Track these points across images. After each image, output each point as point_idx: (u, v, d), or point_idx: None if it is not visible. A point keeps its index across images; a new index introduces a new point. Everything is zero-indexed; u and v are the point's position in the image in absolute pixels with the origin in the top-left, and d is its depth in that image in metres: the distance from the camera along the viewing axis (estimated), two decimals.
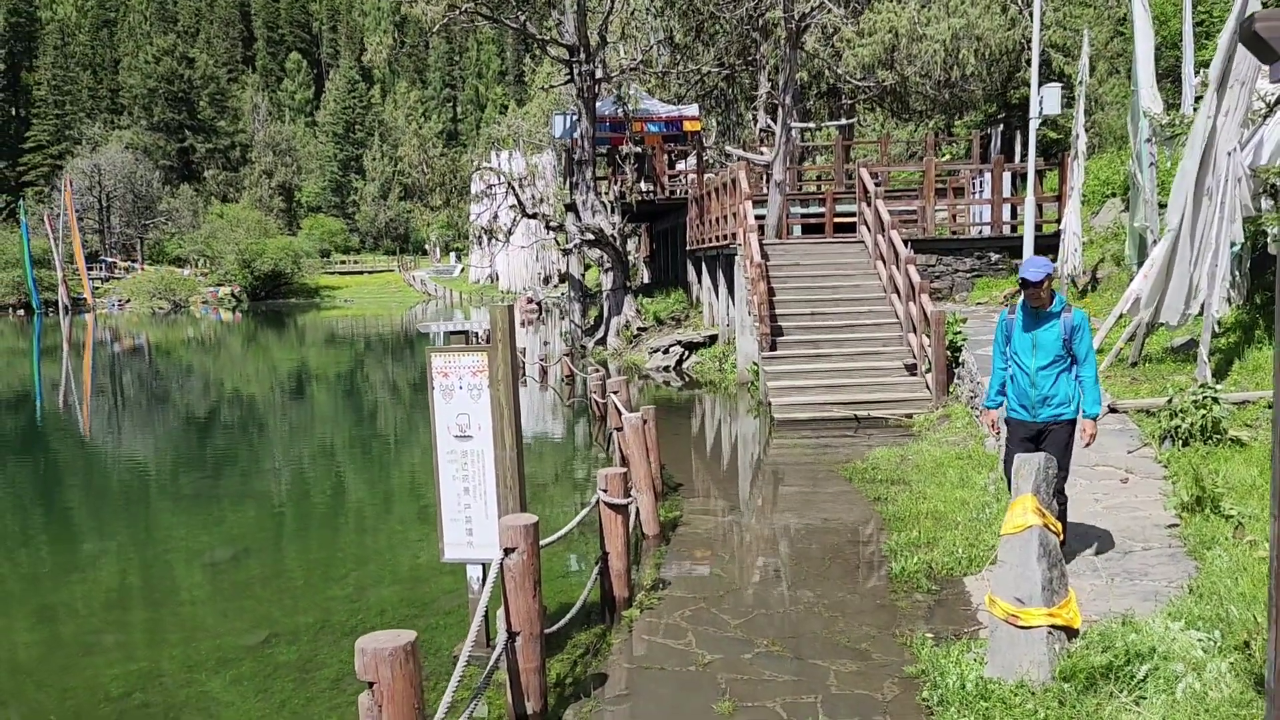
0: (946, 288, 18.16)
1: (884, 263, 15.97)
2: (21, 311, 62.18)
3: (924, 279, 17.13)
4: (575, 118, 24.58)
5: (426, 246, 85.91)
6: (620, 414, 10.24)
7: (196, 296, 65.52)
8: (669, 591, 6.84)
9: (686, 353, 20.76)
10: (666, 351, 20.83)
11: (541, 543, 5.80)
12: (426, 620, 6.76)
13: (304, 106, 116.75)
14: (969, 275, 18.17)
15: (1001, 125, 29.79)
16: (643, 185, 25.16)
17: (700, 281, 22.82)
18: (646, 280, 33.48)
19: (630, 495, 6.54)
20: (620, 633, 6.13)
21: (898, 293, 15.04)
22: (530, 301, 45.78)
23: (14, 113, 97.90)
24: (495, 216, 26.48)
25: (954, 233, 19.90)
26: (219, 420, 19.06)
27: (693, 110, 26.79)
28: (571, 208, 24.87)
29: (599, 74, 24.16)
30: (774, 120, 24.84)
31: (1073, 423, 6.09)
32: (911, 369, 14.10)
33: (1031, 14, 17.66)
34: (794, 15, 19.48)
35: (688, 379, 19.89)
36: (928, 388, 13.56)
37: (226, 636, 6.79)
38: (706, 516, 8.99)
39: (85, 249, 68.96)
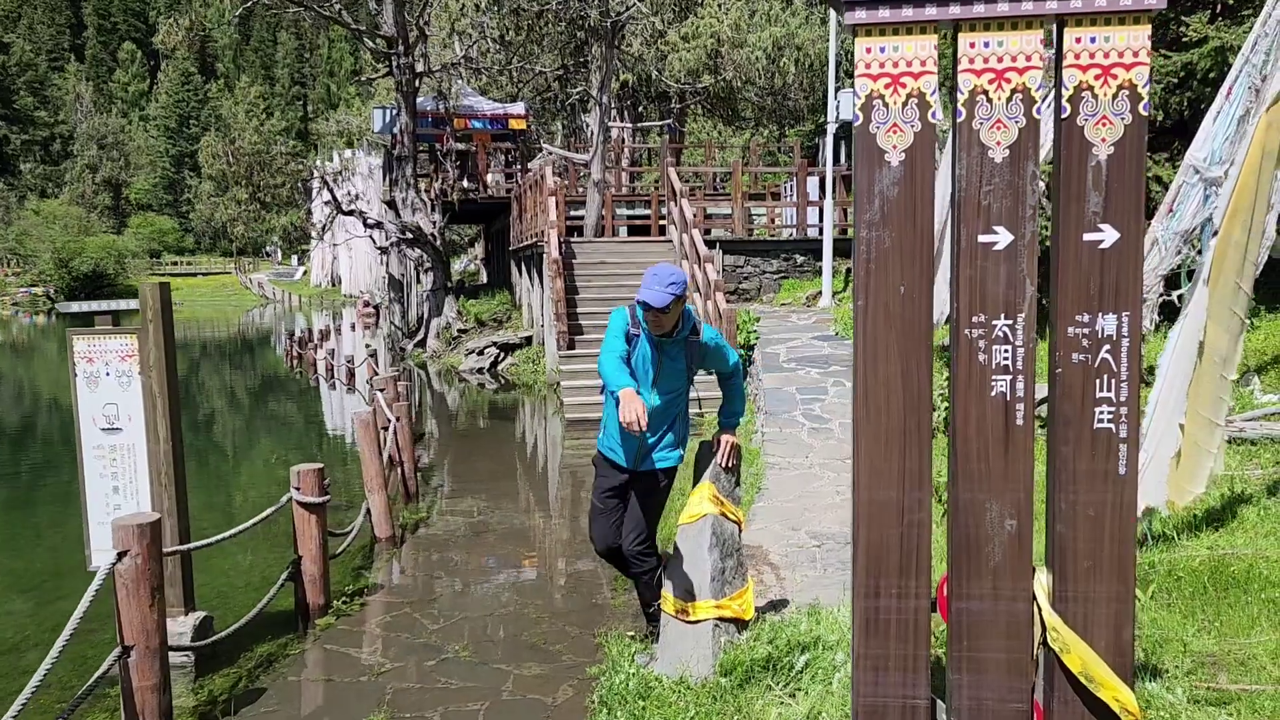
0: (755, 288, 18.29)
1: (689, 262, 15.92)
2: None
3: (732, 279, 17.24)
4: (395, 112, 23.80)
5: (267, 248, 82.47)
6: (387, 412, 9.76)
7: (6, 298, 61.00)
8: (376, 597, 6.39)
9: (502, 354, 20.29)
10: (482, 353, 20.31)
11: (196, 544, 5.28)
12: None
13: (137, 99, 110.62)
14: (776, 276, 18.34)
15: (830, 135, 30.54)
16: (465, 184, 24.55)
17: (521, 282, 22.41)
18: (485, 281, 32.89)
19: (327, 494, 6.05)
20: (305, 642, 5.64)
21: (699, 291, 15.00)
22: (367, 305, 44.33)
23: None
24: (309, 214, 25.40)
25: (771, 235, 20.14)
26: None
27: (518, 108, 26.36)
28: (391, 205, 24.07)
29: (419, 67, 23.46)
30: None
31: (672, 471, 4.79)
32: None
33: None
34: (610, 15, 19.33)
35: (503, 381, 19.44)
36: None
37: None
38: (454, 518, 8.57)
39: None
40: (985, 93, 2.89)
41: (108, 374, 5.13)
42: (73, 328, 5.22)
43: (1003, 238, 2.92)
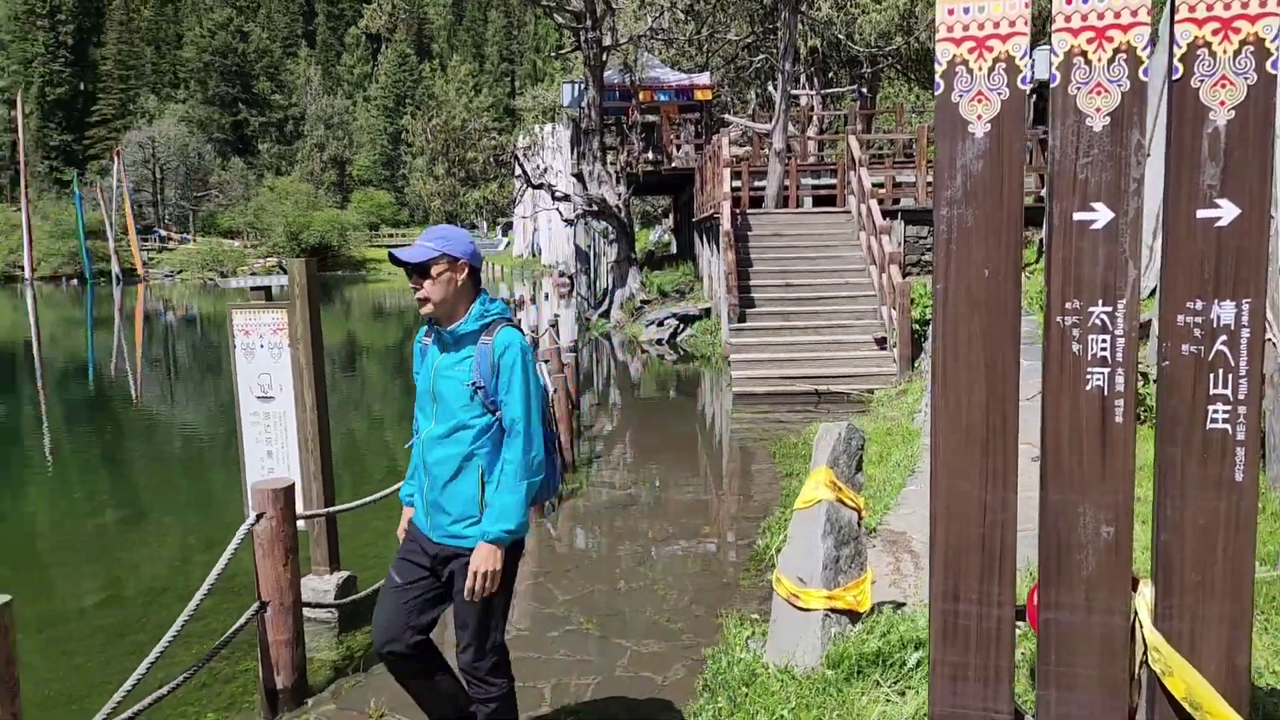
0: None
1: (865, 233, 15.42)
2: (75, 281, 63.90)
3: (914, 250, 16.58)
4: (583, 86, 24.22)
5: (473, 220, 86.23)
6: (546, 382, 10.01)
7: (245, 268, 66.64)
8: (519, 565, 6.57)
9: (682, 325, 20.38)
10: (662, 324, 20.48)
11: (337, 508, 5.59)
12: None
13: (361, 81, 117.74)
14: None
15: (1034, 95, 28.75)
16: (650, 155, 24.73)
17: (702, 253, 22.41)
18: (674, 252, 33.15)
19: None
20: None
21: (874, 263, 14.51)
22: (561, 275, 45.61)
23: (81, 87, 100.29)
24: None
25: None
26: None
27: (704, 79, 26.22)
28: (579, 178, 24.56)
29: (607, 41, 23.74)
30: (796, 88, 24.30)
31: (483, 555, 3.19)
32: (881, 343, 13.60)
33: None
34: None
35: (681, 352, 19.55)
36: (895, 362, 13.06)
37: (72, 597, 6.72)
38: (606, 490, 8.71)
39: (141, 221, 70.52)
40: (1083, 54, 2.61)
41: (261, 346, 5.49)
42: (232, 303, 5.62)
43: (1102, 215, 2.63)
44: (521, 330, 3.36)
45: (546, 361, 10.61)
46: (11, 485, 10.89)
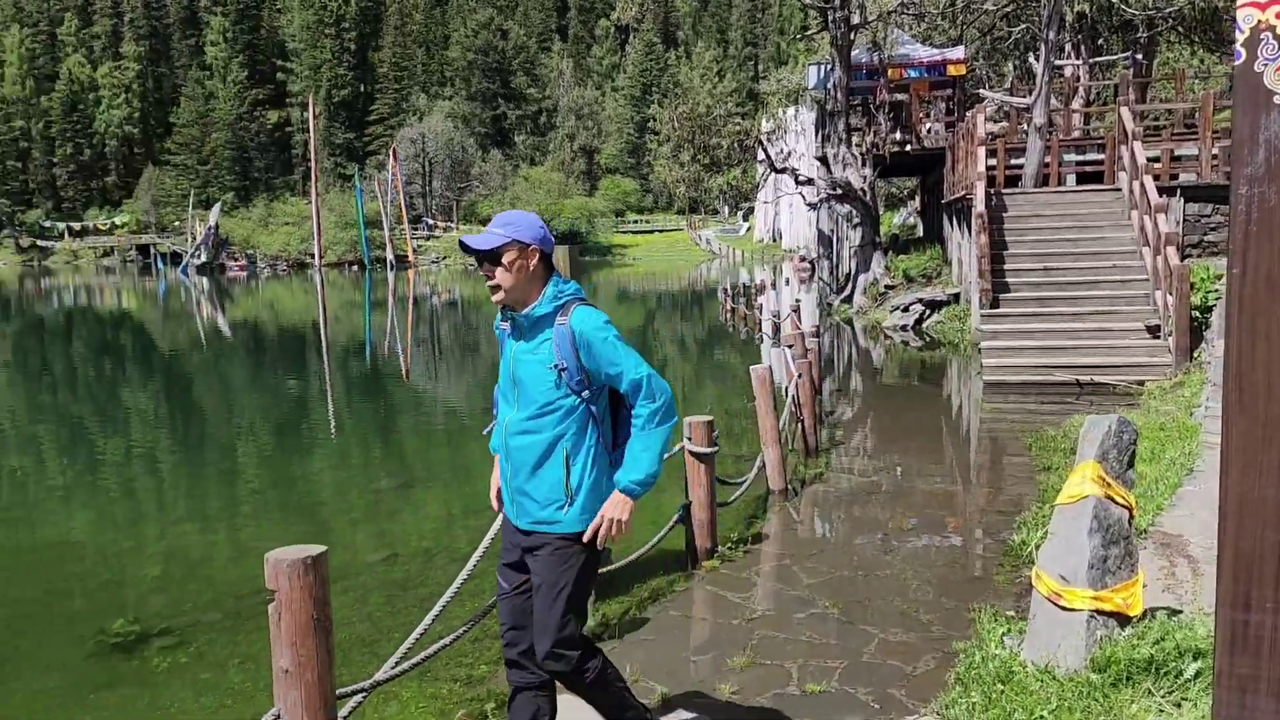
0: (1224, 241, 15.89)
1: (1138, 212, 14.29)
2: (355, 267, 70.03)
3: (1195, 231, 15.22)
4: (829, 67, 23.83)
5: (715, 205, 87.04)
6: (790, 368, 10.05)
7: None
8: (761, 546, 6.66)
9: (928, 311, 19.72)
10: (907, 310, 19.91)
11: None
12: None
13: (610, 72, 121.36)
14: None
15: None
16: (898, 135, 23.97)
17: (952, 236, 21.54)
18: (920, 235, 32.09)
19: (715, 445, 6.41)
20: (689, 582, 6.07)
21: (1148, 245, 13.44)
22: (802, 260, 45.21)
23: (361, 89, 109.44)
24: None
25: None
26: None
27: (958, 53, 25.06)
28: (822, 161, 24.22)
29: (855, 19, 23.23)
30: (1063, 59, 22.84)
31: (565, 540, 3.23)
32: (1154, 331, 12.60)
33: None
34: None
35: (927, 339, 18.95)
36: (1170, 352, 12.06)
37: (360, 552, 7.45)
38: (850, 476, 8.63)
39: (411, 211, 76.29)
40: (1272, 29, 2.37)
41: None
42: None
43: None
44: (594, 308, 3.34)
45: (790, 346, 10.62)
46: (301, 452, 12.17)
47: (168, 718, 4.88)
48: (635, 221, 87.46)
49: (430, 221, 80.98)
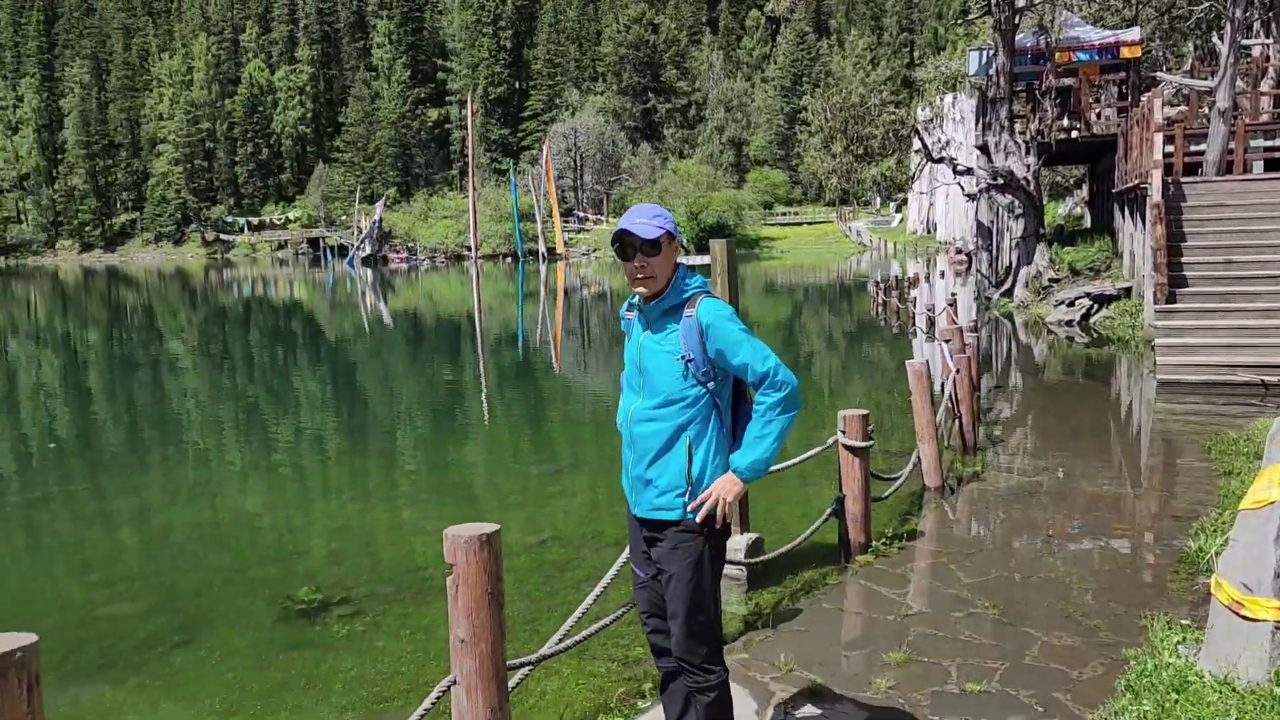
0: None
1: None
2: (509, 259, 72.02)
3: None
4: (991, 52, 23.02)
5: (867, 197, 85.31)
6: (948, 363, 9.83)
7: None
8: (916, 543, 6.57)
9: (1095, 306, 18.83)
10: (1072, 304, 19.06)
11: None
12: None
13: (760, 63, 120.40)
14: None
15: None
16: (1065, 122, 22.94)
17: (1123, 227, 20.49)
18: (1087, 226, 30.65)
19: (870, 439, 6.34)
20: (843, 575, 6.05)
21: None
22: (958, 252, 43.81)
23: (516, 86, 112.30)
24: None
25: None
26: None
27: (1133, 34, 23.74)
28: (983, 149, 23.43)
29: (1020, 2, 22.36)
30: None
31: (686, 532, 3.26)
32: None
33: None
34: None
35: (1094, 335, 18.11)
36: None
37: (516, 535, 7.74)
38: (1009, 475, 8.38)
39: (563, 204, 77.91)
40: None
41: None
42: None
43: None
44: (715, 296, 3.35)
45: (947, 341, 10.37)
46: (457, 437, 12.68)
47: (347, 681, 5.22)
48: (783, 214, 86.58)
49: (581, 214, 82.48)
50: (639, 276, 3.23)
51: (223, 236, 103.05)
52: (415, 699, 4.60)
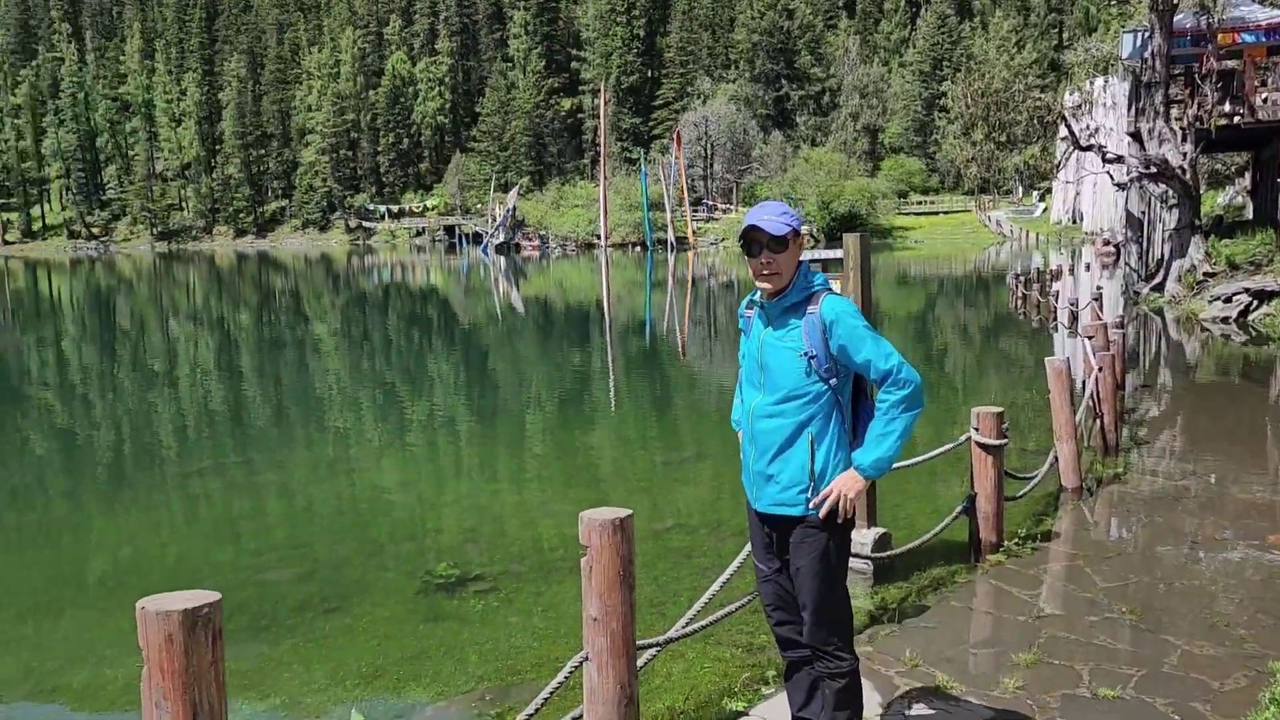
0: None
1: None
2: (638, 248, 72.55)
3: None
4: (1146, 34, 21.92)
5: (1008, 185, 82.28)
6: (1090, 360, 9.52)
7: None
8: (1050, 544, 6.41)
9: (1255, 302, 17.79)
10: (1229, 300, 18.06)
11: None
12: None
13: (898, 47, 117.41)
14: None
15: None
16: (1227, 107, 21.64)
17: None
18: (1249, 218, 28.87)
19: (1005, 438, 6.21)
20: (972, 574, 5.97)
21: None
22: (1106, 244, 41.92)
23: (648, 74, 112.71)
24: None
25: None
26: None
27: None
28: (1136, 136, 22.34)
29: None
30: None
31: (810, 527, 3.31)
32: None
33: None
34: None
35: (1253, 333, 17.13)
36: None
37: (642, 521, 7.89)
38: (1153, 478, 8.05)
39: (692, 194, 77.95)
40: None
41: None
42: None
43: None
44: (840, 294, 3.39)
45: (1089, 337, 10.02)
46: (585, 422, 12.94)
47: (482, 652, 5.47)
48: (919, 203, 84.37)
49: (710, 203, 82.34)
50: (764, 273, 3.28)
51: (364, 223, 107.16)
52: (545, 673, 4.80)
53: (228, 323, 31.20)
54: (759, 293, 3.40)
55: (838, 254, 5.98)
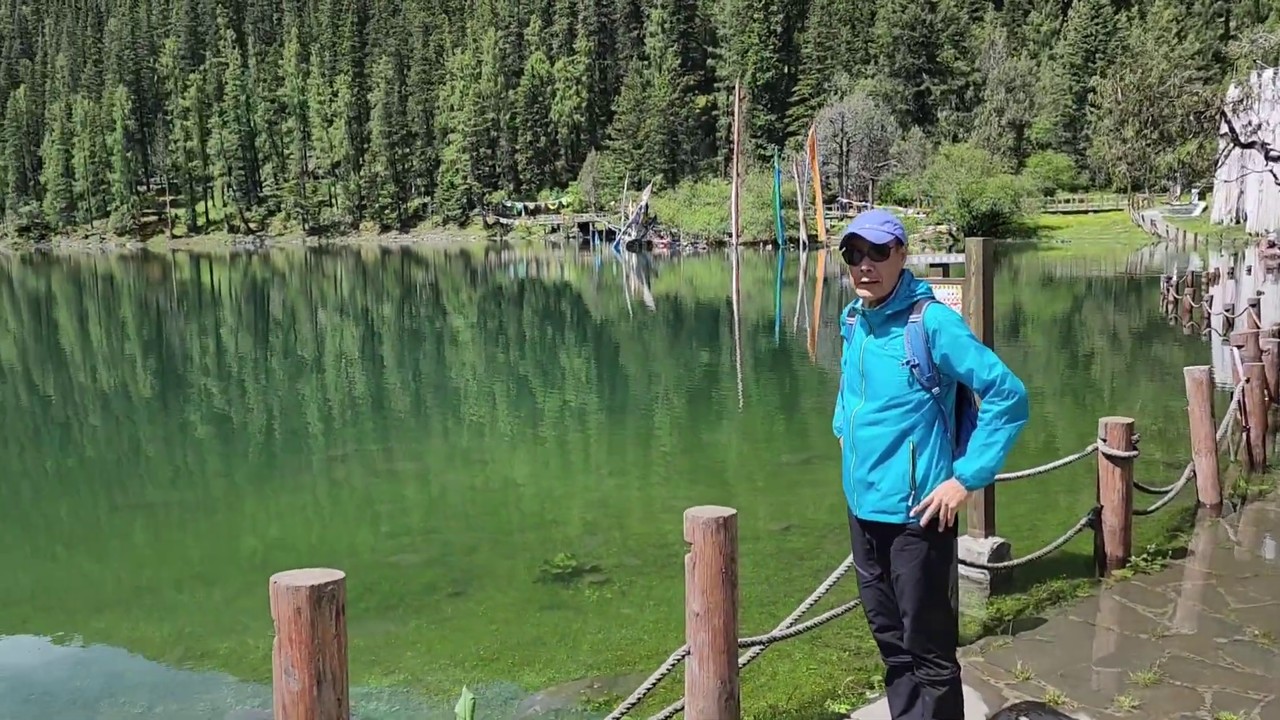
0: None
1: None
2: (769, 246, 72.09)
3: None
4: None
5: (1164, 183, 78.05)
6: (1238, 369, 9.07)
7: (915, 234, 68.88)
8: (1182, 562, 6.16)
9: None
10: None
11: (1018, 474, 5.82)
12: None
13: (1048, 39, 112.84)
14: None
15: None
16: None
17: None
18: None
19: (1135, 449, 5.98)
20: (1094, 589, 5.79)
21: None
22: (1271, 245, 39.37)
23: (785, 70, 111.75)
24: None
25: None
26: None
27: None
28: None
29: None
30: None
31: (912, 535, 3.29)
32: None
33: None
34: None
35: None
36: None
37: (761, 520, 7.95)
38: None
39: (826, 192, 76.93)
40: None
41: None
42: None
43: None
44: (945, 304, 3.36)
45: (1239, 346, 9.53)
46: (711, 420, 13.04)
47: (594, 643, 5.64)
48: (1066, 201, 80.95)
49: (845, 201, 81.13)
50: (864, 280, 3.30)
51: (502, 220, 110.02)
52: (653, 665, 4.91)
53: (371, 314, 32.63)
54: (860, 300, 3.43)
55: (960, 259, 5.90)
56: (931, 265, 6.02)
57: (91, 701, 5.11)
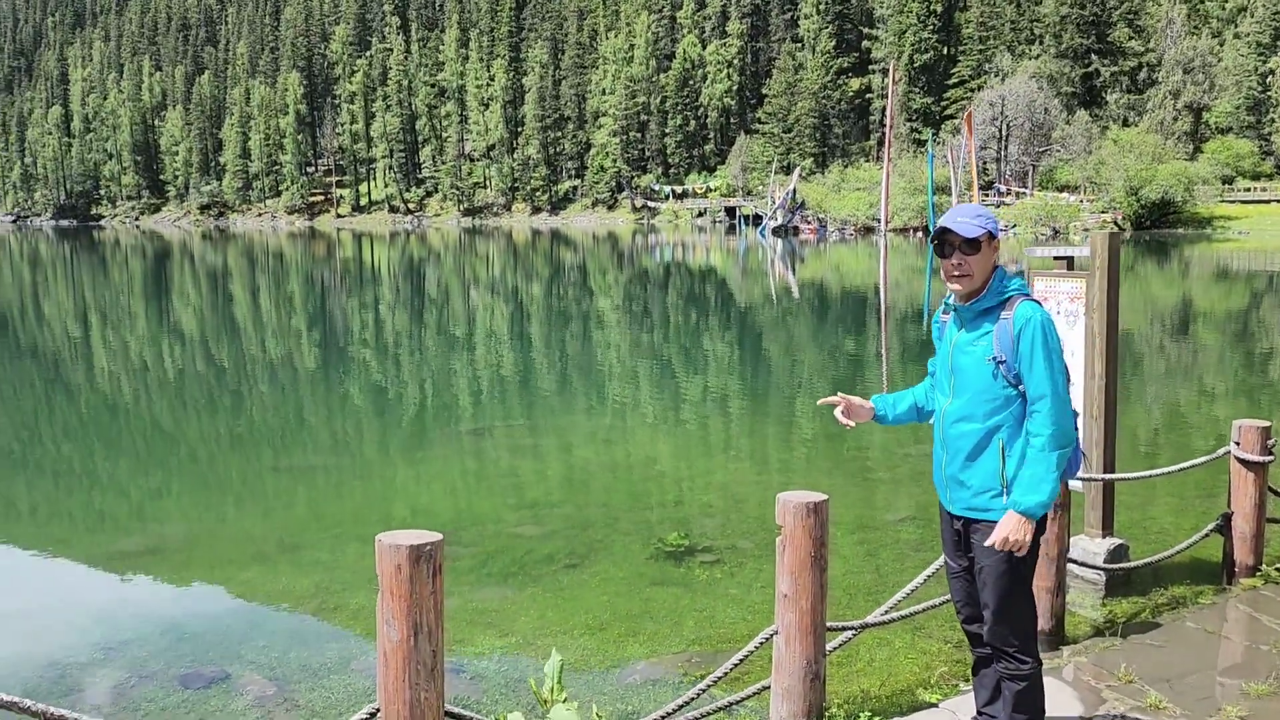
0: None
1: None
2: (920, 234, 70.15)
3: None
4: None
5: None
6: None
7: (1077, 223, 65.75)
8: None
9: None
10: None
11: (1116, 475, 5.71)
12: None
13: (1233, 16, 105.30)
14: None
15: None
16: None
17: None
18: None
19: (1271, 454, 5.71)
20: (1218, 596, 5.61)
21: None
22: None
23: (944, 52, 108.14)
24: None
25: None
26: None
27: None
28: None
29: None
30: None
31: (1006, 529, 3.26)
32: None
33: None
34: None
35: None
36: None
37: (880, 510, 7.96)
38: None
39: (983, 177, 74.22)
40: None
41: (1058, 312, 5.79)
42: (1035, 269, 6.01)
43: None
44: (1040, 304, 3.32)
45: None
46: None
47: (699, 620, 5.83)
48: (1247, 190, 75.52)
49: (1002, 188, 78.10)
50: (955, 274, 3.33)
51: (649, 203, 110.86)
52: None
53: (521, 294, 33.63)
54: (952, 296, 3.47)
55: (1084, 252, 5.77)
56: (1056, 258, 5.91)
57: (235, 644, 5.65)
